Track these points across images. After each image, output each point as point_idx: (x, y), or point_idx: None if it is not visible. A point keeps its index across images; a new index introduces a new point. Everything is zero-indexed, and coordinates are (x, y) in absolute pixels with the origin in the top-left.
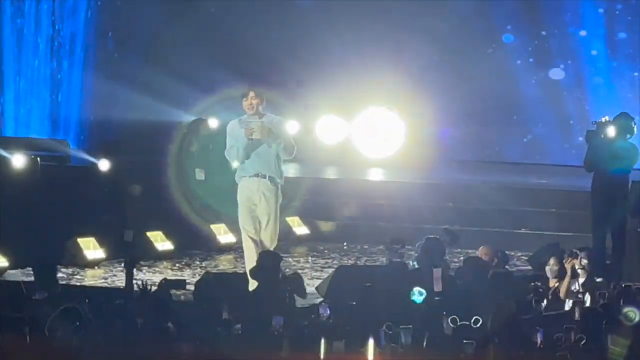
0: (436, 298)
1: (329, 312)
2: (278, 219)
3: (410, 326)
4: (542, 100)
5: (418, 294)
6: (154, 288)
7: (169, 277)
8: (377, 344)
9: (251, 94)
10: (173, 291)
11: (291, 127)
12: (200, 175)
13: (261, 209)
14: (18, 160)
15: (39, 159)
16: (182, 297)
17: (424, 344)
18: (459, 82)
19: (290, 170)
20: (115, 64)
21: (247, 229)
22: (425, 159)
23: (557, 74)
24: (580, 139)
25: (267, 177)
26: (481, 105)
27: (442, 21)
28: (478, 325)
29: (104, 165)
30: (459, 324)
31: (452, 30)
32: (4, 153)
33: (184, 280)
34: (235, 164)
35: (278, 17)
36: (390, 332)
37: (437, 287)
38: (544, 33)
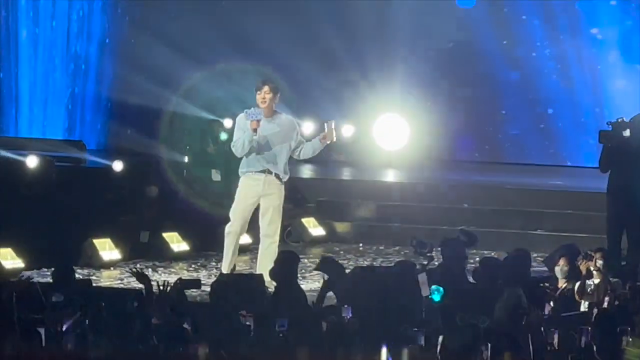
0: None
1: (351, 314)
2: (281, 215)
3: (423, 329)
4: (557, 101)
5: (436, 292)
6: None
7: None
8: (393, 346)
9: (265, 88)
10: (189, 292)
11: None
12: (216, 176)
13: (266, 204)
14: (33, 161)
15: (54, 160)
16: (198, 298)
17: (439, 345)
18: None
19: (306, 172)
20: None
21: (236, 224)
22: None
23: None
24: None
25: (273, 174)
26: (498, 106)
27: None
28: (485, 325)
29: (118, 166)
30: (466, 322)
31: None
32: (19, 154)
33: (199, 279)
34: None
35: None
36: (407, 334)
37: (424, 291)
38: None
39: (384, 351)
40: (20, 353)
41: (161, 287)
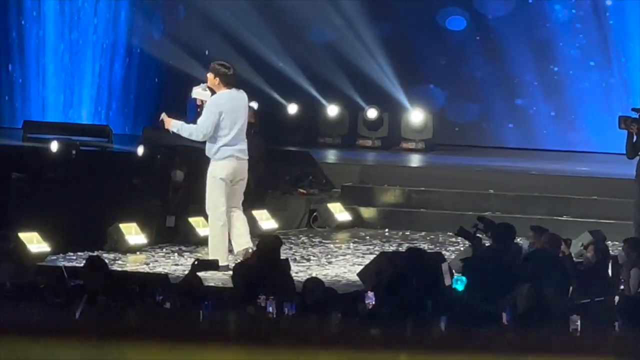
0: None
1: (374, 300)
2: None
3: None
4: (583, 88)
5: (459, 282)
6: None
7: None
8: (415, 330)
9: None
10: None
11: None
12: None
13: (240, 190)
14: (59, 146)
15: (79, 144)
16: (221, 283)
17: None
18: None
19: (330, 157)
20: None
21: (221, 207)
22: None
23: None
24: None
25: (246, 159)
26: (525, 92)
27: None
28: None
29: (141, 150)
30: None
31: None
32: (45, 138)
33: (217, 260)
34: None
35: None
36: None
37: (447, 280)
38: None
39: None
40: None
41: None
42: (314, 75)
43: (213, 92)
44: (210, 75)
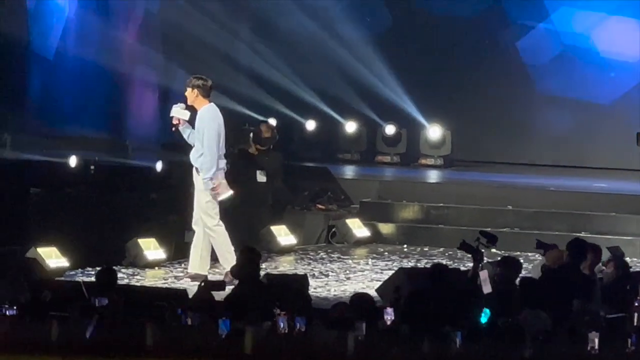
0: None
1: (393, 316)
2: None
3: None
4: (602, 107)
5: (484, 315)
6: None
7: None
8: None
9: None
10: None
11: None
12: (261, 177)
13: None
14: (77, 161)
15: (97, 159)
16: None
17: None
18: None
19: (349, 172)
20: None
21: (216, 216)
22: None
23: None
24: None
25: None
26: (543, 108)
27: None
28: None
29: (160, 166)
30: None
31: None
32: (62, 154)
33: (224, 282)
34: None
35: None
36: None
37: (486, 288)
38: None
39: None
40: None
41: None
42: (329, 94)
43: (192, 111)
44: (189, 91)
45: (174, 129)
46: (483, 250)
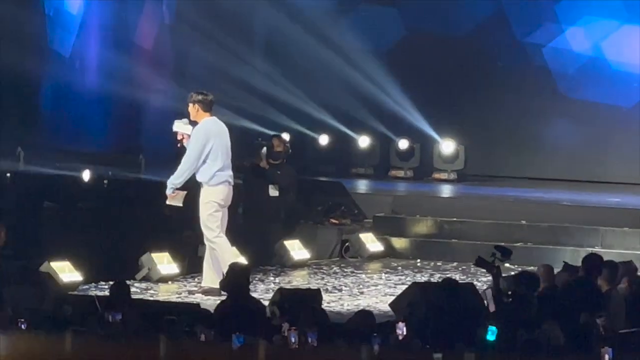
0: None
1: (405, 331)
2: None
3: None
4: (616, 121)
5: (490, 333)
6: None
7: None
8: None
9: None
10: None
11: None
12: (274, 191)
13: (226, 215)
14: (90, 175)
15: (111, 174)
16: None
17: None
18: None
19: (362, 187)
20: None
21: (218, 229)
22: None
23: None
24: None
25: (233, 184)
26: (556, 122)
27: None
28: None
29: None
30: (525, 338)
31: None
32: (76, 168)
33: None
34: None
35: None
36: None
37: (491, 307)
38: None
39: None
40: None
41: None
42: (341, 111)
43: (195, 125)
44: (190, 106)
45: (179, 144)
46: (499, 265)
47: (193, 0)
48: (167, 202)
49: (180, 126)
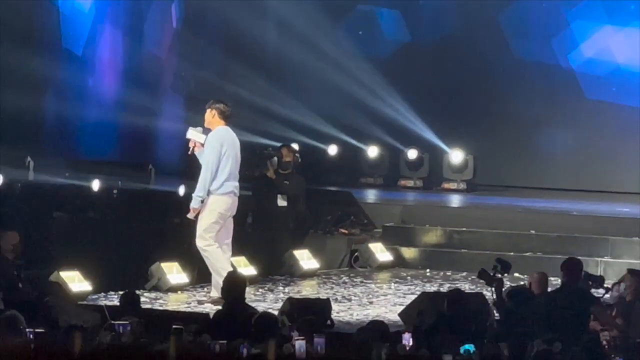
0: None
1: (411, 342)
2: None
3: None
4: (625, 131)
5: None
6: None
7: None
8: None
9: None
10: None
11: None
12: (282, 201)
13: (230, 225)
14: (100, 185)
15: (120, 183)
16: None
17: None
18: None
19: (371, 197)
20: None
21: (210, 239)
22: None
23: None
24: None
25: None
26: (566, 132)
27: None
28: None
29: (182, 190)
30: (539, 349)
31: None
32: (86, 178)
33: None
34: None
35: None
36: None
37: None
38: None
39: None
40: None
41: None
42: (349, 123)
43: (208, 133)
44: (208, 112)
45: (190, 152)
46: (500, 277)
47: (201, 9)
48: (189, 216)
49: (193, 134)
